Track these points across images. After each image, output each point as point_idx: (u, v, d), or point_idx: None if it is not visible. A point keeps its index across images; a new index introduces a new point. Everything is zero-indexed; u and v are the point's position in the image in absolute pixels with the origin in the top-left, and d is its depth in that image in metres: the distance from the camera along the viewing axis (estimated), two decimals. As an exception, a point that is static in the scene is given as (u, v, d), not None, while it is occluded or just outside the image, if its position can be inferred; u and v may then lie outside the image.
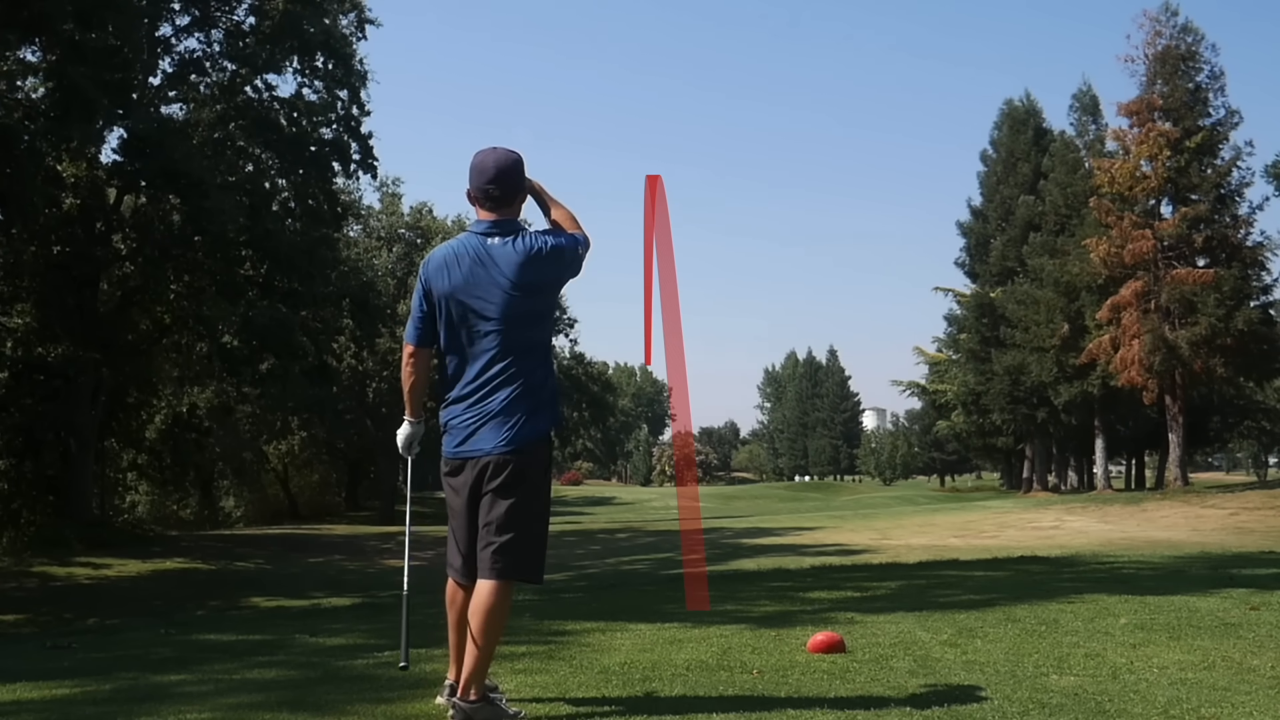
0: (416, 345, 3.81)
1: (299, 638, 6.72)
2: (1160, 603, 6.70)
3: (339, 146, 29.45)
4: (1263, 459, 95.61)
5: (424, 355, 3.84)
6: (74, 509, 26.03)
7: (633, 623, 6.34)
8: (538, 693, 4.17)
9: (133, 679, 5.06)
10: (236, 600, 17.49)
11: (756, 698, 4.01)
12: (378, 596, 15.68)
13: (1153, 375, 35.80)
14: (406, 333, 3.86)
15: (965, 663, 4.72)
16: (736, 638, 5.60)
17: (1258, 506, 26.53)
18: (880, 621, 6.11)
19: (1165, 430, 39.15)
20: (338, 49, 28.39)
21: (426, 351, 3.84)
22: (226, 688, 4.67)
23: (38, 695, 4.67)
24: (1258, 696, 3.93)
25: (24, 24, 20.24)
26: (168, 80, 27.78)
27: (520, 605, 8.70)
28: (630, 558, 23.00)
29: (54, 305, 25.60)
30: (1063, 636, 5.41)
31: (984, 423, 51.98)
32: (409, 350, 3.84)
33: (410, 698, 4.14)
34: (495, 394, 3.68)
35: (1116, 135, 38.74)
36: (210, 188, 23.59)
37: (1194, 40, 37.41)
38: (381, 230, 43.78)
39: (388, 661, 5.25)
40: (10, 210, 21.27)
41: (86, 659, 6.21)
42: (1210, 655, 4.81)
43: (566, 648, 5.43)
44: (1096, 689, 4.07)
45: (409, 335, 3.84)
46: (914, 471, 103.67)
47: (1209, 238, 36.43)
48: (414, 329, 3.80)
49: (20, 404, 27.22)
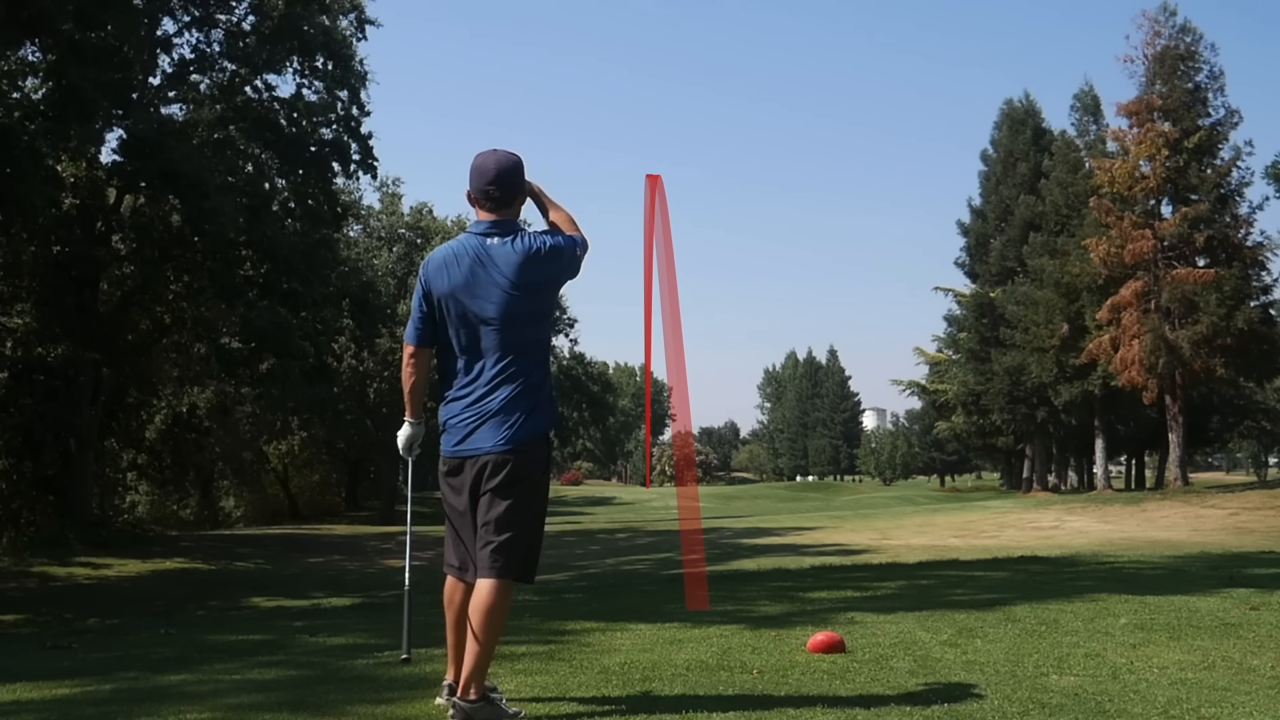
0: (417, 346, 3.82)
1: (299, 638, 6.73)
2: (1160, 603, 6.70)
3: (339, 147, 29.49)
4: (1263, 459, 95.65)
5: (424, 356, 3.85)
6: (74, 509, 26.04)
7: (633, 623, 6.35)
8: (538, 693, 4.17)
9: (133, 679, 5.06)
10: (237, 600, 17.47)
11: (756, 697, 4.01)
12: (378, 596, 15.64)
13: (1153, 375, 35.77)
14: (407, 333, 3.87)
15: (965, 663, 4.73)
16: (736, 638, 5.60)
17: (1258, 506, 26.50)
18: (880, 621, 6.12)
19: (1165, 430, 39.12)
20: (337, 49, 28.43)
21: (427, 352, 3.84)
22: (227, 688, 4.68)
23: (38, 695, 4.67)
24: (1258, 697, 3.94)
25: (24, 24, 20.24)
26: (167, 80, 27.80)
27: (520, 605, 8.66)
28: (630, 558, 23.00)
29: (54, 305, 25.60)
30: (1063, 636, 5.42)
31: (984, 423, 51.95)
32: (409, 351, 3.85)
33: (410, 698, 4.15)
34: (495, 393, 3.69)
35: (1116, 135, 38.70)
36: (210, 188, 23.61)
37: (1193, 40, 37.34)
38: (381, 230, 43.81)
39: (388, 661, 5.26)
40: (10, 210, 21.24)
41: (86, 659, 6.21)
42: (1210, 655, 4.80)
43: (566, 648, 5.43)
44: (1096, 689, 4.08)
45: (409, 336, 3.85)
46: (914, 471, 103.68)
47: (1209, 238, 36.37)
48: (414, 329, 3.81)
49: (20, 404, 27.24)
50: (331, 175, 30.04)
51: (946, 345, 58.86)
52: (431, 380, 3.97)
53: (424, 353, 3.84)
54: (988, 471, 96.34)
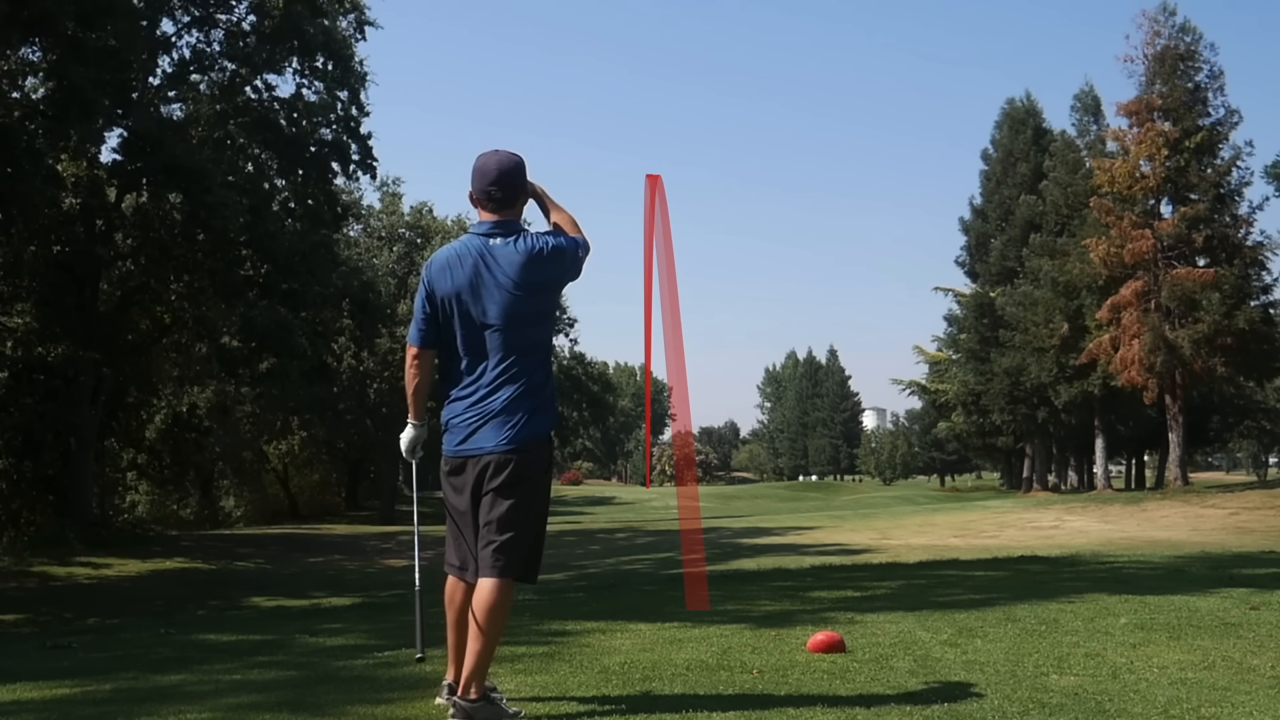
0: (420, 347, 3.83)
1: (299, 638, 6.73)
2: (1160, 602, 6.71)
3: (338, 147, 29.51)
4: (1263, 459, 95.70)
5: (427, 357, 3.86)
6: (74, 509, 26.05)
7: (633, 622, 6.35)
8: (537, 692, 4.18)
9: (132, 679, 5.07)
10: (237, 600, 17.50)
11: (756, 697, 4.02)
12: (378, 596, 15.66)
13: (1153, 375, 35.80)
14: (410, 335, 3.88)
15: (965, 662, 4.74)
16: (736, 637, 5.61)
17: (1258, 506, 26.53)
18: (880, 621, 6.14)
19: (1165, 430, 39.16)
20: (337, 50, 28.44)
21: (430, 353, 3.85)
22: (227, 688, 4.69)
23: (38, 695, 4.68)
24: (1258, 696, 3.95)
25: (25, 23, 20.26)
26: (167, 80, 27.81)
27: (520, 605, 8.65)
28: (630, 557, 23.02)
29: (54, 305, 25.65)
30: (1063, 636, 5.43)
31: (984, 422, 52.00)
32: (412, 352, 3.85)
33: (409, 698, 4.16)
34: (497, 393, 3.70)
35: (1116, 135, 38.72)
36: (213, 181, 23.61)
37: (1193, 40, 37.36)
38: (382, 230, 43.84)
39: (387, 662, 5.26)
40: (11, 209, 21.26)
41: (86, 659, 6.22)
42: (1210, 655, 4.81)
43: (566, 648, 5.44)
44: (1096, 689, 4.09)
45: (412, 337, 3.85)
46: (914, 471, 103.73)
47: (1209, 237, 36.40)
48: (417, 331, 3.82)
49: (21, 403, 27.29)
50: (331, 175, 30.07)
51: (946, 345, 58.87)
52: (434, 380, 3.98)
53: (427, 354, 3.84)
54: (988, 471, 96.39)
